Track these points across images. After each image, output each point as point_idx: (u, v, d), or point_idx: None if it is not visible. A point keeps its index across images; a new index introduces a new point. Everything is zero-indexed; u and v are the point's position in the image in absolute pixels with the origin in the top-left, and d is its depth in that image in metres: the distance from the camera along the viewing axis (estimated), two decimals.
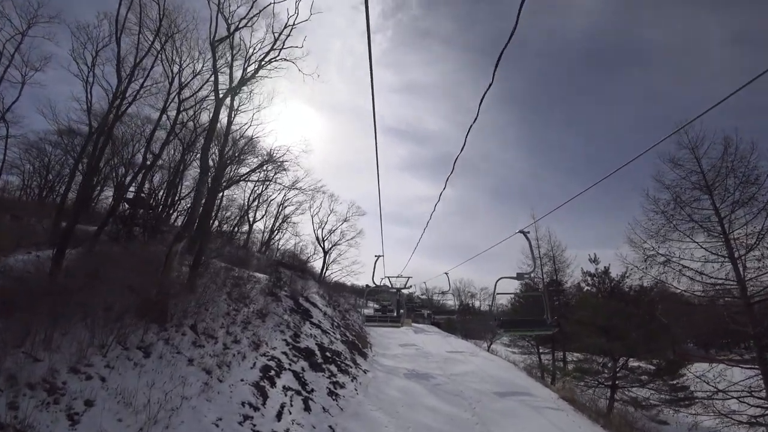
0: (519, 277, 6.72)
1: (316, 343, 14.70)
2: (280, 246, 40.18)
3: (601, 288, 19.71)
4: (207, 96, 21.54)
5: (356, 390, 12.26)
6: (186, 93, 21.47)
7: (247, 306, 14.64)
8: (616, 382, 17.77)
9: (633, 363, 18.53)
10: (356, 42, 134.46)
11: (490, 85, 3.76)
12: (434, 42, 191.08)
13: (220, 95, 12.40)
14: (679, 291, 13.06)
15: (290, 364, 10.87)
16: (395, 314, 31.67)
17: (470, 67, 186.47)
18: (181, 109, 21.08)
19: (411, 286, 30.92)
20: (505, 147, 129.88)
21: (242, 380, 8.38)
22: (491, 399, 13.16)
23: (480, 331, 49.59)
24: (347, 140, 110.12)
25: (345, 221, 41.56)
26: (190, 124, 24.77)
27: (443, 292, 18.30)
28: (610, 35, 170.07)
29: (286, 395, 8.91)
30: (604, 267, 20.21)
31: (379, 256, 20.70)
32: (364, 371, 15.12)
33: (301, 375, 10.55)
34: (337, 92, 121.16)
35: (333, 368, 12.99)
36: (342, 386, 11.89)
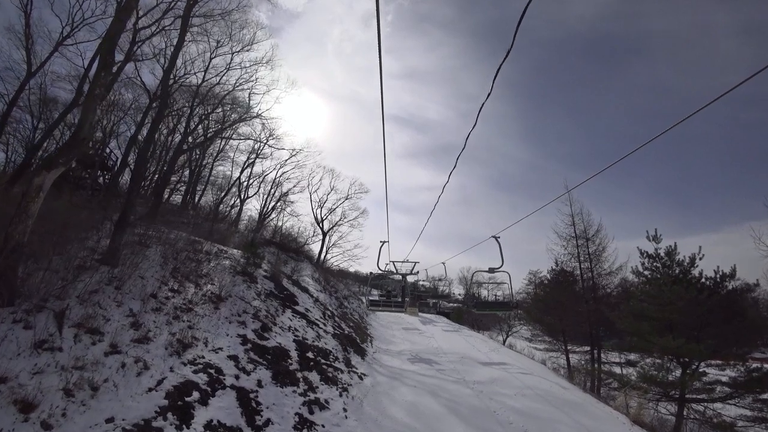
0: None
1: (294, 339, 10.67)
2: (276, 227, 36.31)
3: (665, 273, 15.41)
4: (173, 22, 17.26)
5: (346, 410, 8.22)
6: (146, 21, 17.18)
7: (198, 286, 10.57)
8: (687, 395, 13.66)
9: (702, 368, 14.39)
10: (354, 28, 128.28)
11: (488, 95, 4.24)
12: (434, 26, 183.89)
13: None
14: None
15: (238, 377, 6.78)
16: (399, 300, 28.37)
17: (470, 51, 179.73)
18: (137, 39, 16.81)
19: (417, 272, 27.20)
20: (505, 137, 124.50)
21: (110, 420, 4.28)
22: (540, 425, 9.08)
23: (490, 322, 45.65)
24: (347, 128, 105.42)
25: (347, 199, 37.48)
26: (158, 69, 20.63)
27: (492, 270, 14.18)
28: (612, 25, 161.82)
29: None
30: (668, 247, 15.87)
31: (384, 242, 18.42)
32: (360, 376, 11.11)
33: (252, 395, 6.45)
34: (335, 79, 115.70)
35: (313, 377, 8.95)
36: (324, 406, 7.85)
